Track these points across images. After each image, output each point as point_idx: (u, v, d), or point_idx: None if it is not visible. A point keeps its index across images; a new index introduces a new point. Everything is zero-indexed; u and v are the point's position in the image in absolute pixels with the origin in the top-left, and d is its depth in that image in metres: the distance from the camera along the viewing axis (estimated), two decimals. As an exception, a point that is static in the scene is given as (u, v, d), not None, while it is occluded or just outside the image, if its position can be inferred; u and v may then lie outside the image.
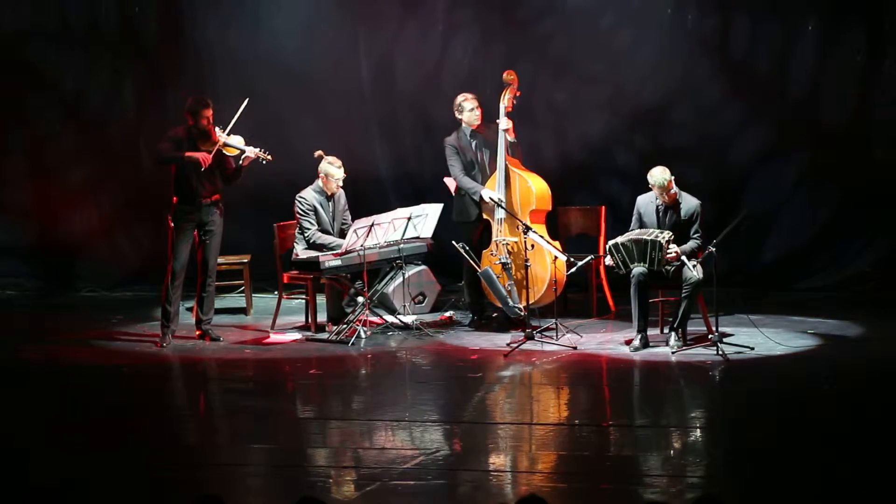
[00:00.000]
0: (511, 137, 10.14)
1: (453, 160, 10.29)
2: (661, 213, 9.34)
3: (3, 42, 12.42)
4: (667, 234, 9.11)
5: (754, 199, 11.30)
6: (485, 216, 10.23)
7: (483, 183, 10.22)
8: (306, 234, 10.16)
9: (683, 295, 9.14)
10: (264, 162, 9.95)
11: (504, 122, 10.08)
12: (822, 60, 11.29)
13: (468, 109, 10.25)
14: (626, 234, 9.31)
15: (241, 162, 9.90)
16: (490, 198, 10.05)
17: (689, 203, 9.34)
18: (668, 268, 9.15)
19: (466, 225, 10.32)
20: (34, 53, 12.46)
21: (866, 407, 7.80)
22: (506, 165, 10.09)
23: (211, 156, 9.70)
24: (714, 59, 11.52)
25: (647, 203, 9.42)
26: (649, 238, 9.10)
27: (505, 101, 10.16)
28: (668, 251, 9.07)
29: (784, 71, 11.40)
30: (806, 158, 11.41)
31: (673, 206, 9.32)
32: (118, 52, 12.43)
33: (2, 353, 10.03)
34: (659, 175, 9.26)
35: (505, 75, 10.25)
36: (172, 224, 9.83)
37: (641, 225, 9.38)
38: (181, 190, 9.81)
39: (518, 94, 10.21)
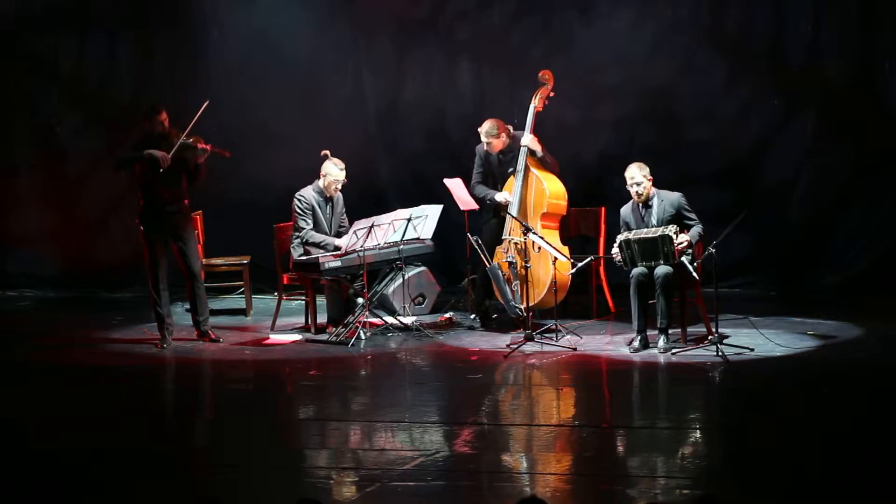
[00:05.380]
0: (540, 152, 10.11)
1: (477, 169, 10.33)
2: (644, 216, 9.35)
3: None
4: (672, 227, 9.12)
5: (755, 199, 11.29)
6: (501, 212, 10.23)
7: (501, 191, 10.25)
8: (301, 233, 10.15)
9: (657, 292, 9.15)
10: (222, 158, 9.92)
11: (526, 138, 10.06)
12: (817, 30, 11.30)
13: (483, 139, 10.18)
14: (635, 231, 9.30)
15: (198, 160, 9.88)
16: (504, 199, 10.06)
17: (669, 198, 9.36)
18: (695, 265, 9.09)
19: (485, 224, 10.34)
20: (30, 41, 12.53)
21: (866, 408, 7.80)
22: (526, 165, 10.08)
23: (170, 155, 9.68)
24: (712, 50, 11.51)
25: (628, 212, 9.45)
26: (657, 234, 9.10)
27: (535, 101, 10.12)
28: (679, 242, 9.07)
29: (780, 41, 11.40)
30: (806, 158, 11.40)
31: (651, 205, 9.33)
32: (118, 48, 12.48)
33: (2, 353, 10.05)
34: (632, 169, 9.33)
35: (540, 74, 10.20)
36: (142, 228, 9.84)
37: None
38: (147, 195, 9.82)
39: (552, 94, 10.16)
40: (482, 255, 10.02)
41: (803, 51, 11.33)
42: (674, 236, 9.07)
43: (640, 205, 9.39)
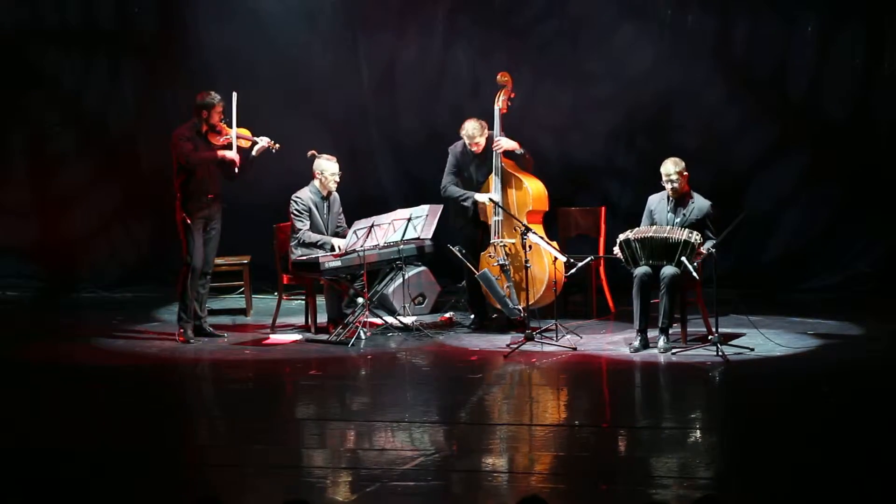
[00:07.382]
0: (519, 150, 10.10)
1: (449, 169, 10.26)
2: (672, 212, 9.33)
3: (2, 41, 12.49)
4: (696, 236, 9.09)
5: (755, 199, 11.30)
6: (482, 218, 10.21)
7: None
8: (297, 234, 10.14)
9: (662, 292, 9.15)
10: (274, 150, 9.97)
11: (503, 142, 10.03)
12: (822, 60, 11.30)
13: (468, 138, 10.14)
14: (637, 229, 9.29)
15: (253, 153, 9.90)
16: (490, 199, 10.03)
17: (701, 203, 9.35)
18: (695, 265, 9.07)
19: (459, 231, 10.30)
20: (32, 52, 12.48)
21: (866, 408, 7.80)
22: (502, 167, 10.08)
23: (236, 153, 9.72)
24: (714, 59, 11.52)
25: (657, 202, 9.43)
26: (682, 238, 9.06)
27: (499, 103, 10.14)
28: (700, 253, 9.06)
29: (783, 71, 11.42)
30: (806, 158, 11.42)
31: (683, 203, 9.32)
32: (116, 49, 12.46)
33: (2, 353, 10.04)
34: (667, 164, 9.31)
35: (499, 77, 10.22)
36: (189, 221, 9.80)
37: (652, 223, 9.37)
38: (189, 188, 9.79)
39: (513, 95, 10.18)
40: (468, 265, 10.01)
41: (805, 57, 11.34)
42: (696, 245, 9.03)
43: (673, 199, 9.36)
